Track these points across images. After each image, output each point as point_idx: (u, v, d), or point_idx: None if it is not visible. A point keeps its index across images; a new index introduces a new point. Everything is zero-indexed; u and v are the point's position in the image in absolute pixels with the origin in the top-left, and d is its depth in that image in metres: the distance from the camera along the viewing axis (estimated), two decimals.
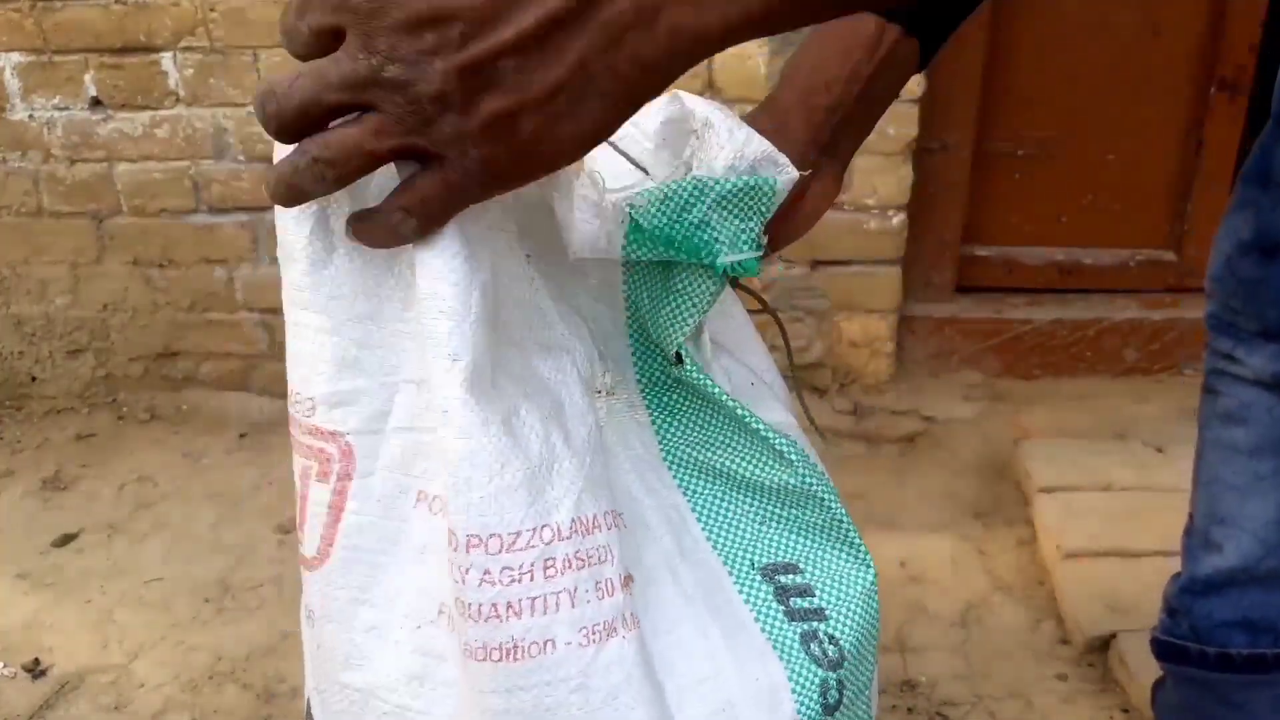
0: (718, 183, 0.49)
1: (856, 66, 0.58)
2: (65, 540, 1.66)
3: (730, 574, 0.53)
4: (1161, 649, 0.93)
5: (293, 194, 0.41)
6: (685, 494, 0.55)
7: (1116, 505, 1.54)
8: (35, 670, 1.36)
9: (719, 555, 0.54)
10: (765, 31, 0.39)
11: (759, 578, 0.53)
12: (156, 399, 2.07)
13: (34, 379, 2.10)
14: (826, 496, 0.54)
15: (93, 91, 1.88)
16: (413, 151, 0.39)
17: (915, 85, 1.77)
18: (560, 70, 0.37)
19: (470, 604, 0.45)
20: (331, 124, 0.39)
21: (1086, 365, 1.99)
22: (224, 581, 1.54)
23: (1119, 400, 1.89)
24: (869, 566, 0.55)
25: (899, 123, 1.79)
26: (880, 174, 1.83)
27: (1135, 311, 1.97)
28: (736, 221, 0.50)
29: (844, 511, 0.55)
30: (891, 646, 1.35)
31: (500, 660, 0.45)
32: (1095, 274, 1.99)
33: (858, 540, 0.56)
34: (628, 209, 0.48)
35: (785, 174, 0.50)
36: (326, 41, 0.38)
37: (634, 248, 0.49)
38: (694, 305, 0.52)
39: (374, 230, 0.42)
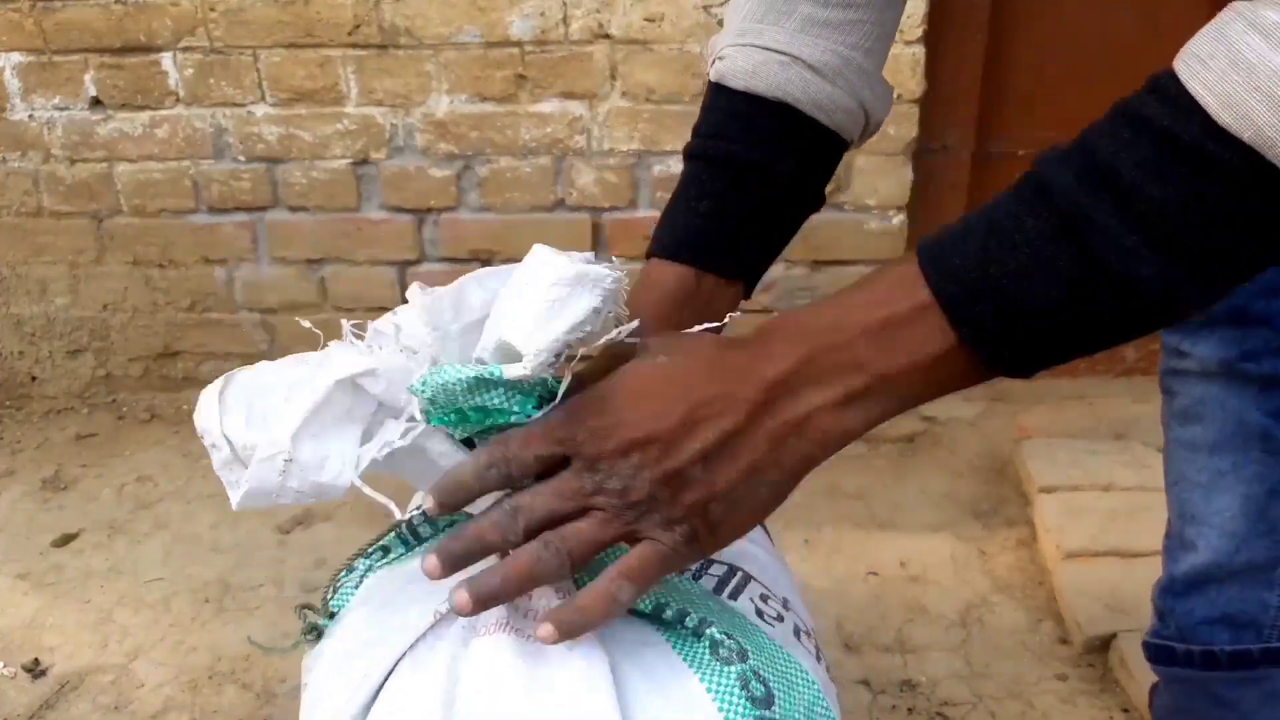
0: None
1: (670, 316, 0.65)
2: (65, 540, 1.66)
3: (664, 635, 0.54)
4: (1152, 652, 0.93)
5: (532, 579, 0.49)
6: None
7: (1116, 505, 1.54)
8: (35, 670, 1.36)
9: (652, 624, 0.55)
10: (894, 414, 0.48)
11: (691, 635, 0.54)
12: (156, 399, 2.07)
13: (34, 379, 2.11)
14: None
15: (93, 91, 1.88)
16: (630, 536, 0.49)
17: (916, 86, 1.77)
18: (734, 472, 0.47)
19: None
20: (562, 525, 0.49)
21: (1086, 365, 1.99)
22: (224, 581, 1.54)
23: (1119, 400, 1.89)
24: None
25: (899, 123, 1.79)
26: (881, 175, 1.83)
27: None
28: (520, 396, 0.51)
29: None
30: (891, 646, 1.35)
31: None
32: None
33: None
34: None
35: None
36: (550, 466, 0.49)
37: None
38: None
39: (591, 603, 0.49)
